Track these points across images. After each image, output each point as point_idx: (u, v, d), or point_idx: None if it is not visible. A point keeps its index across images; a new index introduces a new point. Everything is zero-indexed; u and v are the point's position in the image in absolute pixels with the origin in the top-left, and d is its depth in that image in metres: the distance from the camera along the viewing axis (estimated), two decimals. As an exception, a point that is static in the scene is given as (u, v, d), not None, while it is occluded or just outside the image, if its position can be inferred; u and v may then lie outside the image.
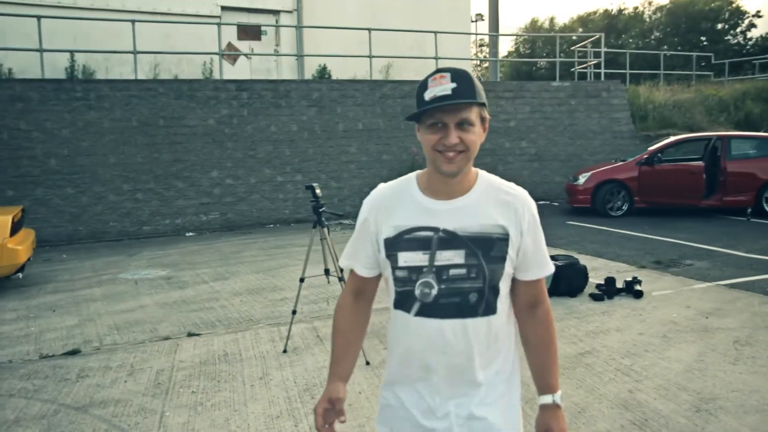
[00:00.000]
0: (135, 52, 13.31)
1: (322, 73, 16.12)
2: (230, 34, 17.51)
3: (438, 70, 1.70)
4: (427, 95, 1.67)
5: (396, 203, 1.81)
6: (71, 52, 13.94)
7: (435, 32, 16.25)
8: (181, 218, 12.80)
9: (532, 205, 1.82)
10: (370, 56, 15.19)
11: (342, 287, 5.25)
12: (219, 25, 14.79)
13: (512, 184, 1.85)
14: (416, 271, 1.76)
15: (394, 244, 1.77)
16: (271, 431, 4.03)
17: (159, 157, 12.58)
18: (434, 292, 1.74)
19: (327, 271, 5.53)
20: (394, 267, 1.78)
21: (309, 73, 16.59)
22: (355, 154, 14.20)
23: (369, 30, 15.18)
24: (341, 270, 5.31)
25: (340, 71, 16.02)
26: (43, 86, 11.96)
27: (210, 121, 13.03)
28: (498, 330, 1.80)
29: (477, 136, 1.71)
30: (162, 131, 12.62)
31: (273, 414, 4.26)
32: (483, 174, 1.84)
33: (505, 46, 38.91)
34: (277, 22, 18.20)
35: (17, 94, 11.77)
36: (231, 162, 13.17)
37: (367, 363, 5.05)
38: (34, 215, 11.41)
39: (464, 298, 1.74)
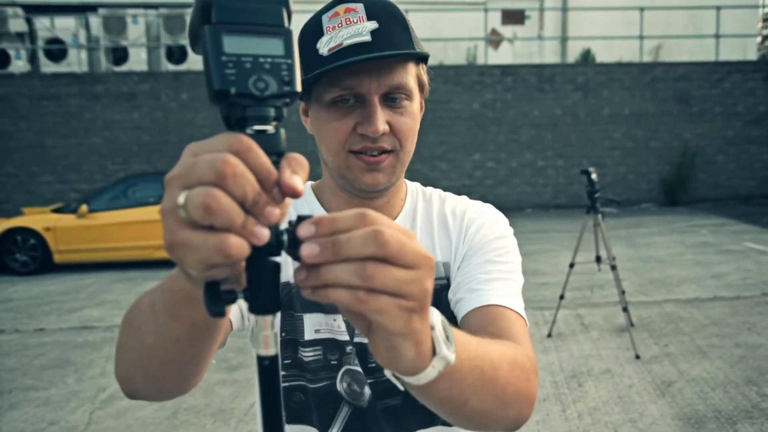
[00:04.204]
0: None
1: (586, 56, 15.58)
2: (494, 20, 17.65)
3: (338, 0, 0.97)
4: (325, 45, 0.94)
5: None
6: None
7: (717, 7, 14.81)
8: (442, 199, 13.30)
9: (489, 214, 1.11)
10: (641, 37, 14.34)
11: (615, 276, 5.11)
12: (485, 11, 15.00)
13: (462, 198, 1.15)
14: (335, 348, 1.04)
15: (293, 297, 1.04)
16: (538, 413, 4.08)
17: (425, 139, 13.16)
18: (367, 390, 1.03)
19: (598, 259, 5.40)
20: (297, 340, 1.05)
21: (572, 56, 16.14)
22: (620, 140, 13.58)
23: (641, 9, 14.32)
24: (614, 258, 5.16)
25: (604, 54, 15.35)
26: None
27: (474, 105, 13.32)
28: None
29: (415, 119, 1.00)
30: (428, 114, 13.09)
31: (540, 396, 4.31)
32: (415, 187, 1.14)
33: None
34: (541, 5, 17.95)
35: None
36: (493, 145, 13.36)
37: (637, 357, 4.87)
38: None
39: (409, 398, 0.82)
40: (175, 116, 12.81)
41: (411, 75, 0.98)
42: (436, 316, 0.61)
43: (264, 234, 0.48)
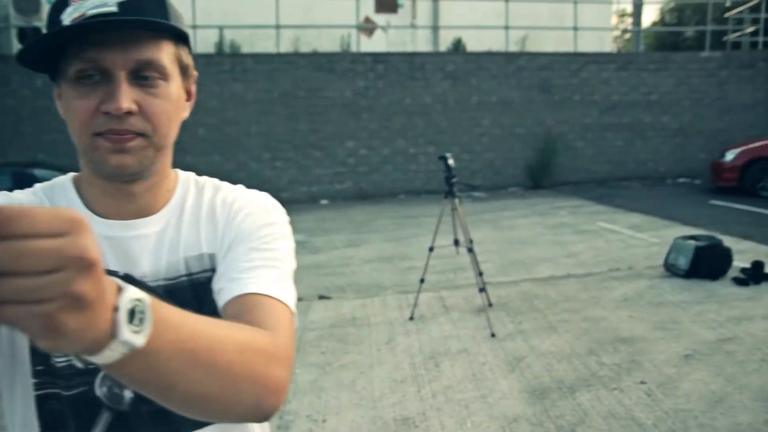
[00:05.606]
0: (277, 27, 13.85)
1: (457, 45, 15.99)
2: (368, 8, 17.74)
3: None
4: (69, 16, 0.88)
5: None
6: (220, 28, 14.72)
7: (575, 1, 15.63)
8: (316, 186, 13.29)
9: (260, 202, 1.09)
10: (506, 27, 14.89)
11: (472, 258, 5.28)
12: (357, -2, 15.03)
13: (237, 187, 1.13)
14: None
15: None
16: (395, 394, 4.16)
17: (298, 127, 13.08)
18: (128, 393, 0.96)
19: (456, 242, 5.57)
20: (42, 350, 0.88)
21: (444, 45, 16.51)
22: (489, 127, 14.06)
23: (506, 0, 14.85)
24: (471, 241, 5.33)
25: (474, 44, 15.82)
26: (195, 60, 12.70)
27: (347, 93, 13.34)
28: None
29: (173, 103, 0.95)
30: (301, 102, 13.10)
31: (397, 378, 4.39)
32: (187, 177, 1.09)
33: (649, 16, 36.56)
34: (414, -6, 18.22)
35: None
36: (366, 133, 13.45)
37: (493, 335, 5.06)
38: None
39: None
40: (29, 104, 11.99)
41: (166, 53, 0.92)
42: (129, 294, 0.56)
43: None
